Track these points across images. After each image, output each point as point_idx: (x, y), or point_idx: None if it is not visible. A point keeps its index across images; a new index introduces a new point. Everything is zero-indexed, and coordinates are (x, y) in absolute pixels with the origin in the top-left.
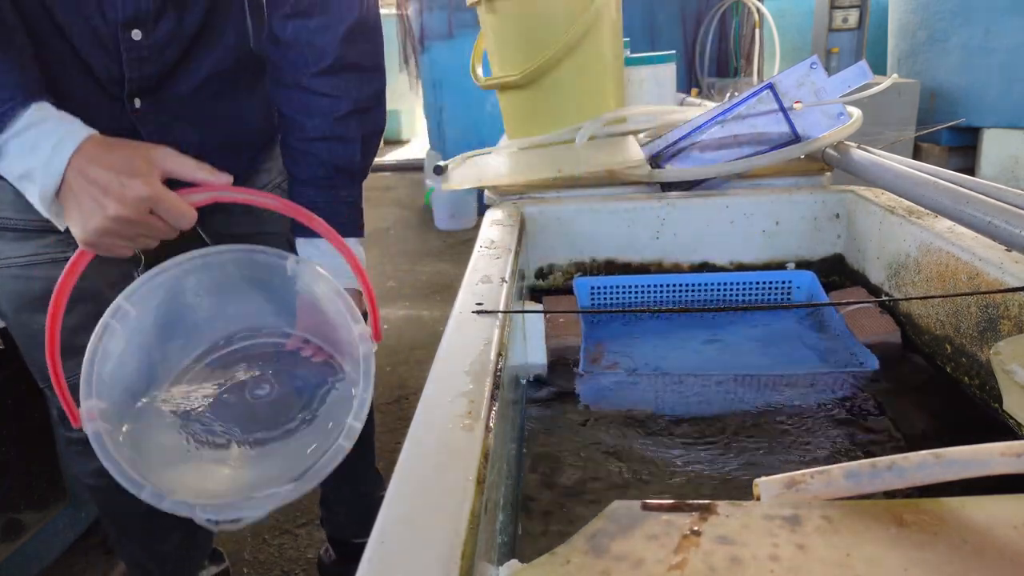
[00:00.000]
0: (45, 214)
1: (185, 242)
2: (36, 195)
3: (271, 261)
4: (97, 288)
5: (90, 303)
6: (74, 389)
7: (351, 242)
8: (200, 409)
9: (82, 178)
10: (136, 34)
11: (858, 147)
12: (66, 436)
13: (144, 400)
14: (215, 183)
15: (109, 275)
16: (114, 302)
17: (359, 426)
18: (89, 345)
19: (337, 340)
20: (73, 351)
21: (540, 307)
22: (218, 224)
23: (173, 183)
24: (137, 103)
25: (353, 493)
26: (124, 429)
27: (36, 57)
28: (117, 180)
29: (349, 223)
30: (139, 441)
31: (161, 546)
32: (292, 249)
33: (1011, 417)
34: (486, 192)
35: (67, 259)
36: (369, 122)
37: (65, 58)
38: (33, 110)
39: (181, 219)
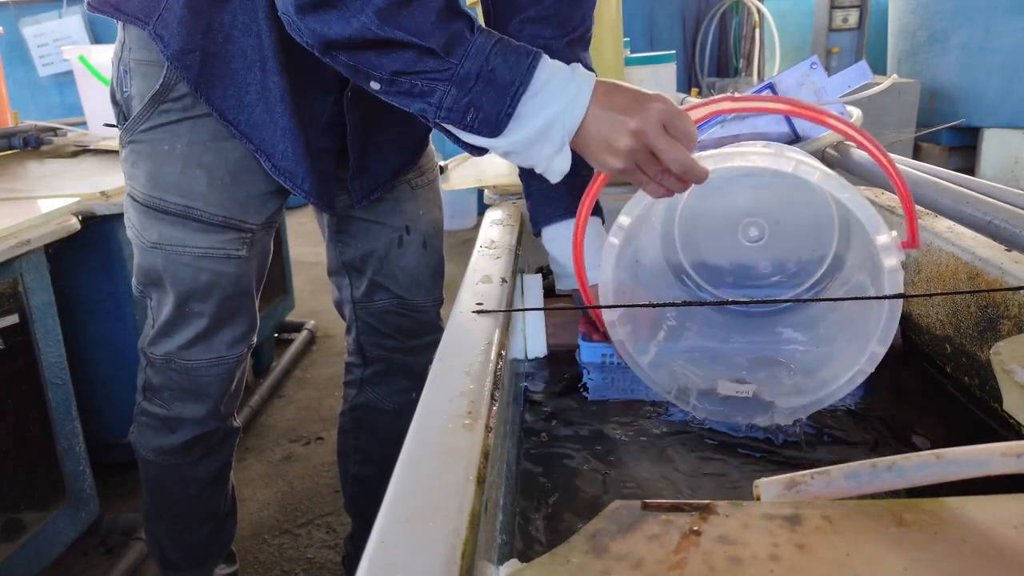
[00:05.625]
0: (559, 155)
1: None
2: (559, 137)
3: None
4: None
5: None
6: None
7: None
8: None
9: (601, 108)
10: None
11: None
12: (143, 406)
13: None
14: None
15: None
16: (616, 221)
17: (882, 351)
18: (601, 267)
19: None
20: (211, 335)
21: (540, 307)
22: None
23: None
24: (349, 93)
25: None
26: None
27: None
28: (635, 100)
29: None
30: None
31: (190, 535)
32: (402, 241)
33: (1011, 417)
34: (486, 192)
35: (240, 257)
36: None
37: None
38: (542, 65)
39: (689, 138)
